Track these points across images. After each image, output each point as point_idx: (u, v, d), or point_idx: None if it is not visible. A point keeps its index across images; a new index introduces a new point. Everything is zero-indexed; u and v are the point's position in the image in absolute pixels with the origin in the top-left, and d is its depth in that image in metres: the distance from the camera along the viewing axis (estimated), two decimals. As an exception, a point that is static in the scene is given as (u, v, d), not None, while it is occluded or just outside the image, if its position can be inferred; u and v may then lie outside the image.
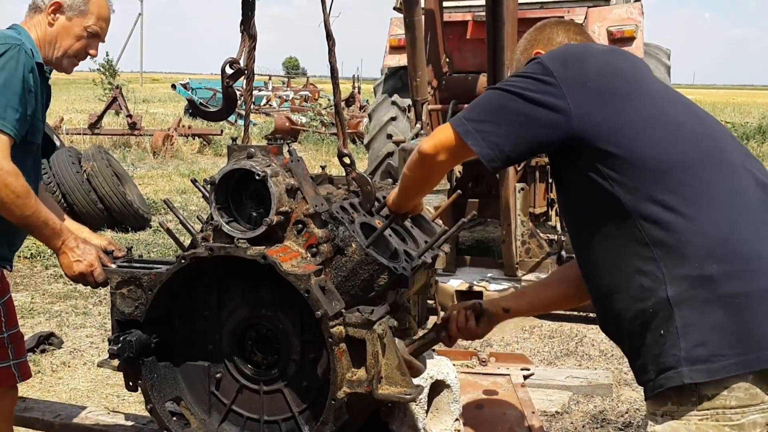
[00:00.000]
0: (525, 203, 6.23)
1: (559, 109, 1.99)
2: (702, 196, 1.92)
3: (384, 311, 2.42)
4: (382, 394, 2.35)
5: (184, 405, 2.66)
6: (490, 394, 3.26)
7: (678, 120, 2.03)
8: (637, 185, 1.94)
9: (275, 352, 2.58)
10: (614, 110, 2.00)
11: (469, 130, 2.07)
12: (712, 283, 1.85)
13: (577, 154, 2.03)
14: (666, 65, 7.12)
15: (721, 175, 1.96)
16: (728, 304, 1.84)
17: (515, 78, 2.11)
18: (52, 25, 2.86)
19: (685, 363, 1.84)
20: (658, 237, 1.91)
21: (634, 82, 2.08)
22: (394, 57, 7.37)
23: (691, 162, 1.95)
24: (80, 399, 4.44)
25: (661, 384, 1.89)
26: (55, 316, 5.99)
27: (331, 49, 2.81)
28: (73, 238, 2.72)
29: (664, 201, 1.91)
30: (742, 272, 1.86)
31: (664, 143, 1.97)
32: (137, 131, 17.49)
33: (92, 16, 2.90)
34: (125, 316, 2.57)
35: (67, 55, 2.91)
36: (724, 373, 1.81)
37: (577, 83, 2.01)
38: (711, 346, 1.83)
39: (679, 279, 1.87)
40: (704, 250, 1.87)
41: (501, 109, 2.06)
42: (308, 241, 2.50)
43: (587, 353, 5.33)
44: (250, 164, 2.46)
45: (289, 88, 32.07)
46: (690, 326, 1.85)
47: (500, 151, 2.05)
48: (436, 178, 2.41)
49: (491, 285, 6.03)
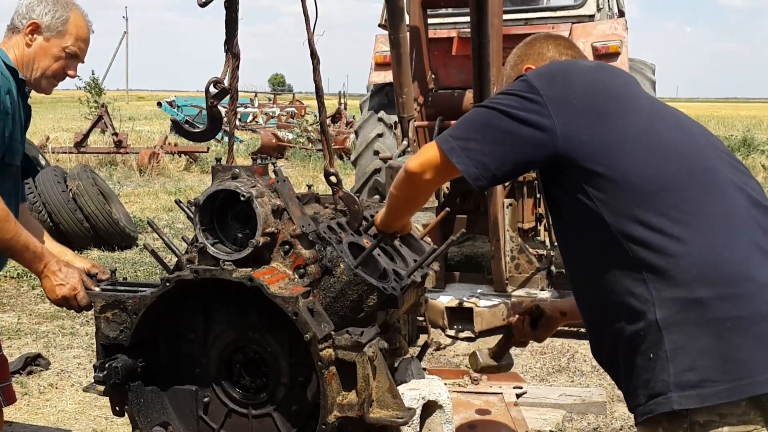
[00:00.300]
0: (513, 218, 6.21)
1: (545, 128, 1.97)
2: (690, 218, 1.88)
3: (374, 333, 2.39)
4: (373, 417, 2.31)
5: (172, 430, 2.60)
6: (483, 413, 3.22)
7: (665, 138, 1.99)
8: (622, 206, 1.91)
9: (264, 375, 2.54)
10: (600, 129, 1.97)
11: (455, 147, 2.05)
12: (701, 307, 1.81)
13: (563, 173, 2.01)
14: (651, 80, 7.14)
15: (710, 195, 1.92)
16: (718, 328, 1.80)
17: (501, 96, 2.08)
18: (29, 45, 2.82)
19: (674, 388, 1.80)
20: (647, 259, 1.87)
21: (622, 99, 2.05)
22: (380, 73, 7.36)
23: (678, 182, 1.92)
24: (68, 421, 4.37)
25: (651, 410, 1.85)
26: (42, 336, 5.91)
27: (316, 68, 2.79)
28: (56, 261, 2.67)
29: (651, 223, 1.88)
30: (733, 295, 1.82)
31: (651, 163, 1.93)
32: (123, 149, 17.41)
33: (70, 36, 2.86)
34: (110, 340, 2.53)
35: (45, 75, 2.87)
36: (715, 399, 1.77)
37: (563, 101, 1.99)
38: (701, 371, 1.79)
39: (669, 301, 1.84)
40: (694, 272, 1.83)
41: (486, 127, 2.04)
42: (295, 262, 2.47)
43: (579, 369, 5.29)
44: (234, 185, 2.43)
45: (275, 105, 32.03)
46: (679, 350, 1.81)
47: (486, 169, 2.03)
48: (424, 197, 2.38)
49: (481, 301, 5.99)
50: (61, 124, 29.49)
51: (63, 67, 2.90)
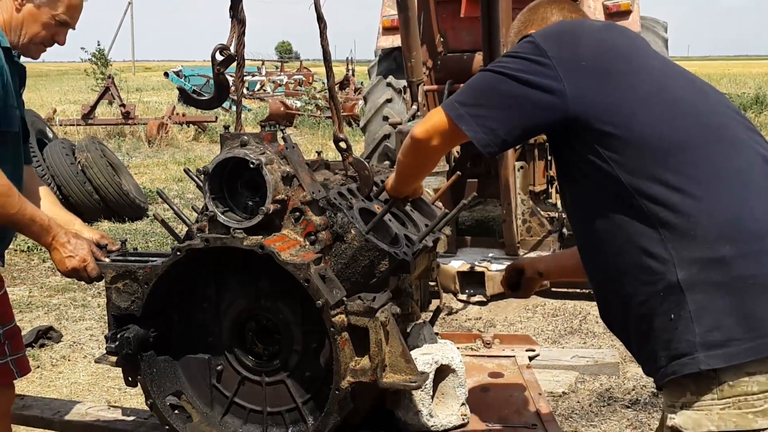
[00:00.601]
0: (525, 181, 6.17)
1: (554, 91, 1.93)
2: (708, 175, 1.85)
3: (386, 298, 2.37)
4: (386, 382, 2.31)
5: (186, 399, 2.61)
6: (496, 376, 3.21)
7: (678, 96, 1.96)
8: (639, 166, 1.87)
9: (276, 342, 2.54)
10: (611, 89, 1.93)
11: (462, 114, 2.01)
12: (725, 265, 1.78)
13: (575, 135, 1.96)
14: (663, 38, 7.03)
15: (726, 153, 1.89)
16: (742, 286, 1.77)
17: (507, 58, 2.03)
18: (18, 10, 2.76)
19: (700, 349, 1.77)
20: (665, 218, 1.83)
21: (632, 59, 2.01)
22: (387, 38, 7.28)
23: (693, 139, 1.88)
24: (81, 393, 4.40)
25: (674, 371, 1.82)
26: (54, 309, 5.95)
27: (323, 33, 2.74)
28: (64, 233, 2.63)
29: (668, 181, 1.84)
30: (755, 252, 1.79)
31: (665, 121, 1.90)
32: (131, 120, 17.39)
33: (61, 4, 2.80)
34: (122, 311, 2.53)
35: (33, 41, 2.82)
36: (742, 357, 1.74)
37: (571, 63, 1.94)
38: (726, 331, 1.76)
39: (690, 262, 1.80)
40: (715, 231, 1.80)
41: (494, 92, 2.00)
42: (306, 229, 2.45)
43: (591, 330, 5.29)
44: (243, 152, 2.40)
45: (282, 73, 31.88)
46: (703, 310, 1.78)
47: (495, 135, 1.99)
48: (431, 163, 2.35)
49: (493, 265, 5.98)
50: (68, 97, 29.47)
51: (52, 35, 2.84)
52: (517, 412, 2.92)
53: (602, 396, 4.17)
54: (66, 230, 2.65)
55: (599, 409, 4.04)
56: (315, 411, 2.49)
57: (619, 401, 4.14)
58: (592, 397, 4.15)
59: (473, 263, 6.03)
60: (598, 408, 4.05)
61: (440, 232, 3.03)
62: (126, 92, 22.26)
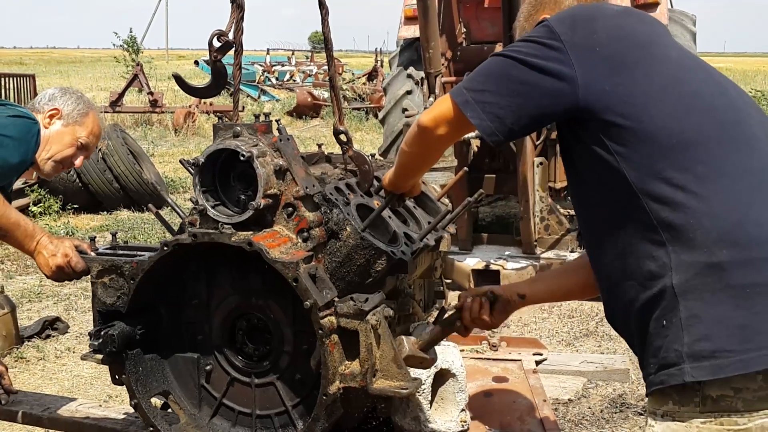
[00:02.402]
0: (544, 178, 6.03)
1: (565, 77, 1.82)
2: (715, 174, 1.74)
3: (379, 299, 2.27)
4: (377, 388, 2.21)
5: (173, 399, 2.54)
6: (500, 381, 3.11)
7: (694, 89, 1.85)
8: (645, 161, 1.77)
9: (267, 342, 2.45)
10: (623, 78, 1.82)
11: (469, 100, 1.90)
12: (721, 271, 1.68)
13: (583, 126, 1.86)
14: (691, 31, 6.83)
15: (738, 152, 1.78)
16: (738, 294, 1.66)
17: (520, 43, 1.93)
18: (47, 128, 2.93)
19: (687, 359, 1.67)
20: (667, 218, 1.73)
21: (649, 47, 1.90)
22: (409, 28, 7.15)
23: (705, 136, 1.77)
24: (83, 387, 4.35)
25: (661, 381, 1.72)
26: (64, 299, 5.91)
27: (324, 19, 2.65)
28: (47, 236, 2.61)
29: (673, 179, 1.74)
30: (755, 260, 1.68)
31: (677, 115, 1.79)
32: (158, 109, 17.43)
33: (86, 129, 2.99)
34: (107, 306, 2.45)
35: (54, 158, 2.95)
36: (730, 371, 1.64)
37: (585, 48, 1.84)
38: (716, 341, 1.66)
39: (686, 265, 1.70)
40: (714, 233, 1.70)
41: (503, 78, 1.89)
42: (299, 225, 2.36)
43: (607, 333, 5.14)
44: (235, 144, 2.31)
45: (312, 63, 31.85)
46: (694, 318, 1.68)
47: (501, 123, 1.88)
48: (436, 154, 2.23)
49: (509, 263, 5.86)
50: (100, 83, 29.69)
51: (71, 156, 2.99)
52: (519, 419, 2.82)
53: (614, 402, 4.04)
54: (49, 234, 2.61)
55: (611, 415, 3.91)
56: (305, 415, 2.40)
57: (632, 408, 4.00)
58: (604, 402, 4.02)
59: (489, 261, 5.91)
60: (609, 414, 3.92)
61: (444, 230, 2.92)
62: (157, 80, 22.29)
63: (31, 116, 2.84)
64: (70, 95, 3.02)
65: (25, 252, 2.59)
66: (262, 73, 27.91)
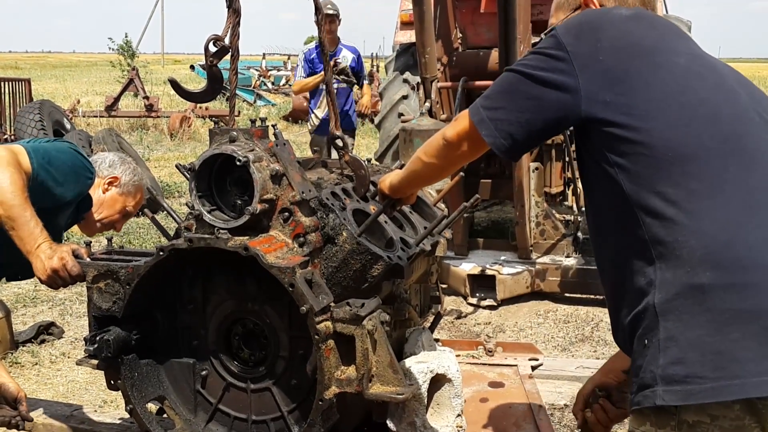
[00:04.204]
0: (539, 183, 6.03)
1: (569, 88, 1.82)
2: (710, 191, 1.68)
3: (375, 305, 2.27)
4: (372, 393, 2.22)
5: (168, 404, 2.53)
6: (496, 386, 3.11)
7: (700, 97, 1.78)
8: (642, 173, 1.73)
9: (263, 348, 2.45)
10: (624, 89, 1.78)
11: (484, 119, 1.93)
12: (702, 294, 1.63)
13: (587, 137, 1.85)
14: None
15: (739, 166, 1.71)
16: (716, 319, 1.61)
17: (530, 55, 1.94)
18: (104, 192, 3.18)
19: (661, 382, 1.63)
20: (657, 234, 1.70)
21: (653, 56, 1.83)
22: (405, 33, 7.15)
23: (704, 149, 1.71)
24: (78, 392, 4.32)
25: (638, 401, 1.70)
26: (59, 304, 5.89)
27: (320, 24, 2.64)
28: (48, 242, 2.60)
29: (666, 193, 1.69)
30: (738, 285, 1.62)
31: (678, 126, 1.73)
32: (154, 113, 17.40)
33: (135, 200, 3.25)
34: (103, 311, 2.45)
35: (102, 221, 3.19)
36: (700, 398, 1.59)
37: (588, 58, 1.82)
38: (689, 365, 1.61)
39: (669, 284, 1.67)
40: (699, 253, 1.64)
41: (513, 94, 1.91)
42: (295, 231, 2.35)
43: (603, 339, 5.14)
44: (231, 149, 2.31)
45: (308, 68, 31.79)
46: (671, 340, 1.64)
47: (513, 140, 1.90)
48: (453, 169, 2.25)
49: (504, 268, 5.85)
50: (95, 88, 29.60)
51: (116, 221, 3.24)
52: (515, 424, 2.82)
53: (611, 407, 4.03)
54: (51, 240, 2.61)
55: (607, 421, 3.90)
56: (301, 421, 2.40)
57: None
58: (600, 408, 4.01)
59: (485, 266, 5.90)
60: (606, 420, 3.91)
61: (440, 236, 2.93)
62: (154, 85, 22.23)
63: (90, 174, 3.01)
64: (127, 165, 3.28)
65: (23, 251, 2.58)
66: (258, 78, 27.88)
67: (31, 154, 2.77)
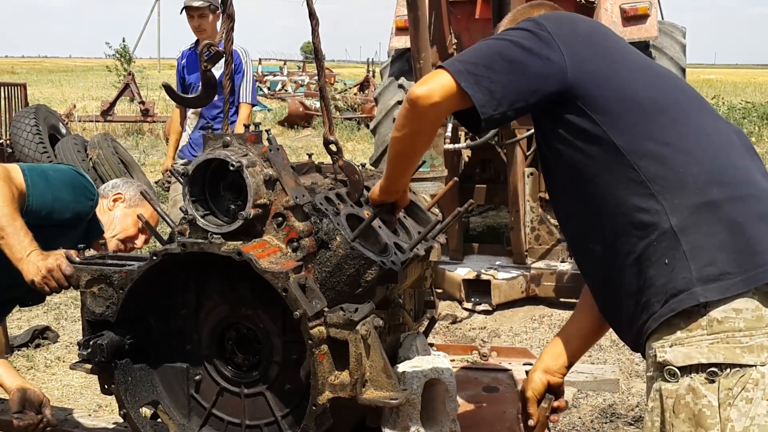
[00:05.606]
0: (534, 188, 6.05)
1: (554, 61, 1.98)
2: (695, 131, 1.99)
3: (368, 310, 2.27)
4: (366, 398, 2.21)
5: (162, 409, 2.52)
6: (490, 391, 3.10)
7: (663, 71, 2.15)
8: (633, 126, 1.96)
9: (256, 352, 2.45)
10: (607, 61, 2.04)
11: (462, 71, 1.96)
12: (715, 207, 1.88)
13: (568, 107, 2.01)
14: (681, 43, 6.86)
15: (708, 117, 2.05)
16: (732, 225, 1.87)
17: (510, 30, 2.07)
18: (111, 210, 3.29)
19: (698, 283, 1.84)
20: (656, 172, 1.92)
21: (622, 42, 2.19)
22: (400, 38, 7.17)
23: (681, 103, 2.03)
24: (73, 396, 4.32)
25: (672, 309, 1.87)
26: (54, 308, 5.88)
27: (314, 29, 2.65)
28: (39, 251, 2.63)
29: (659, 137, 1.95)
30: (743, 196, 1.91)
31: (657, 86, 2.04)
32: (150, 118, 17.41)
33: (148, 210, 3.25)
34: (96, 316, 2.43)
35: (118, 237, 3.26)
36: (734, 290, 1.82)
37: (570, 36, 2.03)
38: (720, 265, 1.84)
39: (682, 207, 1.89)
40: (704, 177, 1.91)
41: (496, 56, 1.99)
42: (289, 235, 2.35)
43: (598, 343, 5.12)
44: (225, 153, 2.31)
45: (304, 73, 31.89)
46: (698, 248, 1.87)
47: (492, 97, 1.95)
48: (430, 130, 2.15)
49: (499, 273, 5.86)
50: (91, 93, 29.61)
51: (134, 236, 3.32)
52: (510, 429, 2.82)
53: (605, 412, 4.04)
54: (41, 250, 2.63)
55: (601, 425, 3.91)
56: (294, 426, 2.39)
57: (622, 418, 4.01)
58: (594, 412, 4.02)
59: (480, 271, 5.91)
60: (600, 424, 3.92)
61: (434, 241, 2.93)
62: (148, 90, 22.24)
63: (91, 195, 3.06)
64: (130, 183, 3.39)
65: (13, 260, 2.57)
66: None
67: (26, 171, 2.80)
